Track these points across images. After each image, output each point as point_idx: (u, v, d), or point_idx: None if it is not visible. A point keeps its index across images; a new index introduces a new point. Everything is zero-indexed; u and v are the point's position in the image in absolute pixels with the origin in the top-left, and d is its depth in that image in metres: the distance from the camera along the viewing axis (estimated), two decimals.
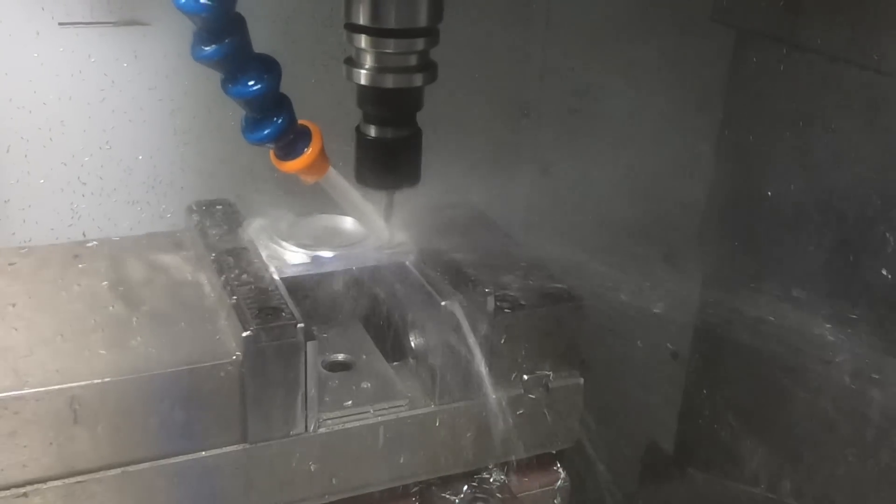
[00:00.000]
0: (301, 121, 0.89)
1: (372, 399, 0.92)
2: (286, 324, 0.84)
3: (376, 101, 0.94)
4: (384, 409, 0.91)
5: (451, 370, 0.92)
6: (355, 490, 0.92)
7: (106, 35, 1.16)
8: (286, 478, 0.88)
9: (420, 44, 0.92)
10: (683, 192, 1.27)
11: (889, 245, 0.98)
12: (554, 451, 1.00)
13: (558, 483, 1.00)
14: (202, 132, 1.23)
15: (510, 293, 0.96)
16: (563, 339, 0.97)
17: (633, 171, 1.31)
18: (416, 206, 1.01)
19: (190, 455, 0.84)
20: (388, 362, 0.98)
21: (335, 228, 1.04)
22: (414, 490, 0.95)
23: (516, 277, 0.98)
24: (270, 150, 0.90)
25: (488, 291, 0.92)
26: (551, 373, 0.96)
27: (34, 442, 0.78)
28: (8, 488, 0.79)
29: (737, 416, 1.23)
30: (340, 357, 0.99)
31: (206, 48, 0.78)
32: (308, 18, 1.24)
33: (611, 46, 1.34)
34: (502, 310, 0.93)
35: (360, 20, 0.90)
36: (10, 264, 0.96)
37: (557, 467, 1.01)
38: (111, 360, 0.82)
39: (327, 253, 0.99)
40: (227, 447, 0.85)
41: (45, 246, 1.02)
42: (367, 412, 0.91)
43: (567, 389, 0.98)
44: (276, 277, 0.92)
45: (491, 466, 0.97)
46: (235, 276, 0.91)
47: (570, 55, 1.36)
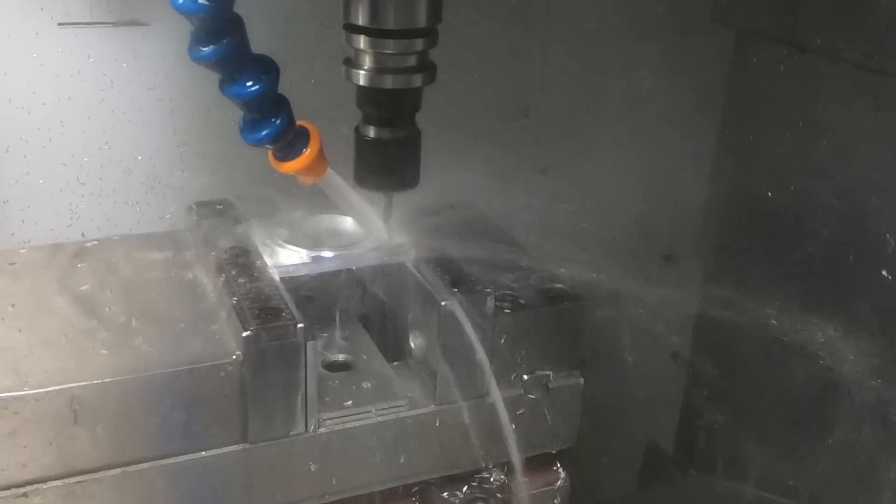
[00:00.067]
0: (299, 121, 0.89)
1: (372, 399, 0.92)
2: (286, 324, 0.84)
3: (375, 102, 0.95)
4: (384, 409, 0.91)
5: (450, 370, 0.92)
6: (355, 490, 0.92)
7: (105, 35, 1.16)
8: (286, 478, 0.88)
9: (419, 44, 0.92)
10: (684, 192, 1.27)
11: (889, 246, 0.98)
12: (554, 451, 1.00)
13: (558, 483, 1.00)
14: (202, 132, 1.23)
15: (510, 293, 0.96)
16: (563, 339, 0.97)
17: (633, 171, 1.31)
18: (416, 207, 1.02)
19: (190, 455, 0.84)
20: (388, 362, 0.98)
21: (335, 228, 1.04)
22: (414, 490, 0.95)
23: (516, 277, 0.98)
24: (269, 150, 0.90)
25: (488, 291, 0.92)
26: (551, 373, 0.96)
27: (34, 442, 0.78)
28: (8, 488, 0.79)
29: (737, 416, 1.23)
30: (340, 357, 0.99)
31: (204, 49, 0.78)
32: (307, 19, 1.23)
33: (611, 46, 1.34)
34: (502, 310, 0.93)
35: (359, 20, 0.90)
36: (10, 264, 0.96)
37: (557, 467, 1.00)
38: (111, 360, 0.82)
39: (327, 253, 0.99)
40: (227, 447, 0.85)
41: (44, 246, 1.02)
42: (368, 412, 0.91)
43: (567, 389, 0.98)
44: (276, 277, 0.92)
45: (491, 466, 0.97)
46: (235, 276, 0.91)
47: (571, 55, 1.36)
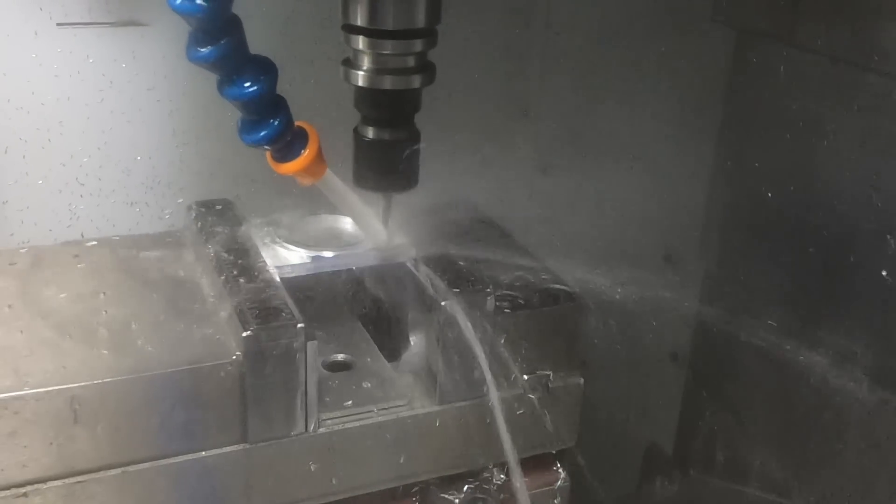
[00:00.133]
0: (298, 122, 0.88)
1: (372, 399, 0.92)
2: (286, 324, 0.84)
3: (374, 103, 0.94)
4: (384, 409, 0.91)
5: (450, 370, 0.92)
6: (355, 490, 0.92)
7: (104, 35, 1.16)
8: (286, 478, 0.88)
9: (418, 45, 0.91)
10: (684, 192, 1.27)
11: (889, 247, 0.98)
12: (554, 451, 1.00)
13: (558, 483, 1.00)
14: (201, 133, 1.23)
15: (510, 293, 0.96)
16: (563, 339, 0.97)
17: (633, 172, 1.31)
18: (416, 207, 1.01)
19: (190, 455, 0.84)
20: (388, 362, 0.98)
21: (335, 228, 1.04)
22: (414, 490, 0.95)
23: (516, 277, 0.98)
24: (267, 152, 0.90)
25: (488, 291, 0.92)
26: (551, 373, 0.96)
27: (34, 442, 0.78)
28: (8, 488, 0.79)
29: (736, 417, 1.23)
30: (340, 357, 0.99)
31: (202, 49, 0.78)
32: (306, 19, 1.23)
33: (611, 46, 1.34)
34: (502, 310, 0.93)
35: (358, 21, 0.90)
36: (10, 264, 0.96)
37: (557, 467, 1.01)
38: (111, 360, 0.82)
39: (327, 253, 0.99)
40: (227, 447, 0.85)
41: (45, 246, 1.02)
42: (368, 412, 0.91)
43: (567, 389, 0.98)
44: (276, 277, 0.92)
45: (491, 466, 0.97)
46: (235, 276, 0.91)
47: (570, 55, 1.36)
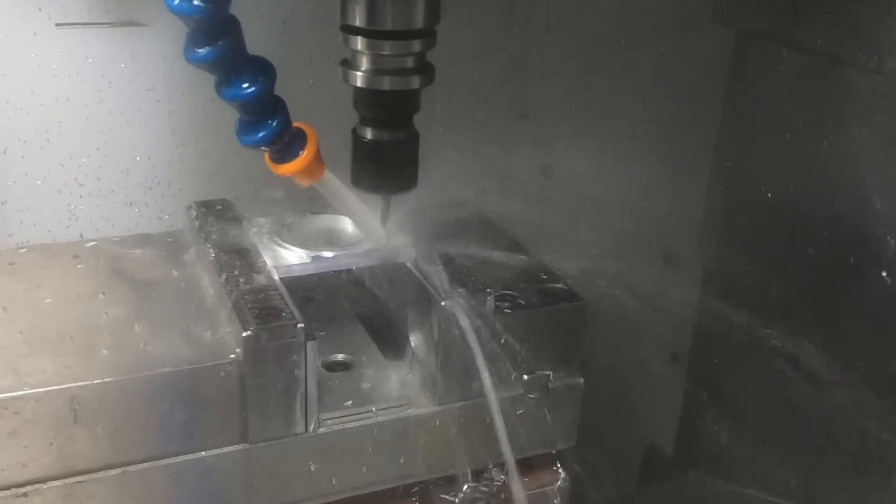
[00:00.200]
0: (296, 123, 0.88)
1: (372, 399, 0.92)
2: (286, 324, 0.84)
3: (372, 104, 0.94)
4: (384, 409, 0.91)
5: (450, 370, 0.92)
6: (355, 490, 0.92)
7: (103, 36, 1.16)
8: (286, 478, 0.88)
9: (417, 45, 0.91)
10: (683, 192, 1.27)
11: (889, 247, 0.98)
12: (554, 451, 1.00)
13: (558, 483, 1.00)
14: (200, 133, 1.23)
15: (510, 293, 0.96)
16: (563, 339, 0.97)
17: (633, 172, 1.31)
18: (416, 207, 1.01)
19: (190, 455, 0.84)
20: (388, 362, 0.98)
21: (335, 228, 1.04)
22: (414, 490, 0.95)
23: (516, 277, 0.98)
24: (265, 153, 0.89)
25: (488, 291, 0.92)
26: (551, 373, 0.96)
27: (34, 442, 0.78)
28: (8, 488, 0.78)
29: (736, 417, 1.23)
30: (340, 357, 0.99)
31: (199, 50, 0.77)
32: (306, 19, 1.23)
33: (611, 46, 1.34)
34: (502, 310, 0.93)
35: (357, 22, 0.89)
36: (9, 264, 0.96)
37: (557, 467, 1.00)
38: (111, 360, 0.82)
39: (327, 253, 0.99)
40: (227, 447, 0.85)
41: (44, 245, 1.02)
42: (368, 412, 0.91)
43: (567, 389, 0.97)
44: (276, 277, 0.92)
45: (491, 466, 0.97)
46: (235, 276, 0.91)
47: (570, 55, 1.36)
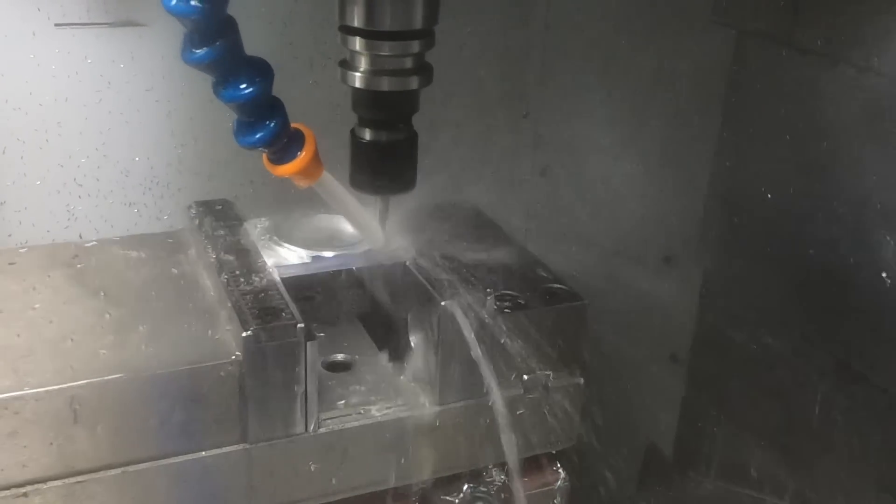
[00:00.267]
0: (294, 124, 0.87)
1: (372, 399, 0.92)
2: (286, 324, 0.84)
3: (371, 105, 0.94)
4: (384, 409, 0.91)
5: (450, 370, 0.92)
6: (355, 490, 0.92)
7: (102, 36, 1.16)
8: (286, 478, 0.88)
9: (415, 46, 0.91)
10: (683, 193, 1.27)
11: (889, 248, 0.97)
12: (554, 451, 1.00)
13: (558, 483, 1.00)
14: (199, 134, 1.23)
15: (510, 293, 0.96)
16: (563, 339, 0.96)
17: (632, 173, 1.31)
18: (416, 207, 1.01)
19: (190, 455, 0.84)
20: (388, 362, 0.98)
21: (335, 228, 1.04)
22: (414, 490, 0.95)
23: (516, 277, 0.98)
24: (264, 154, 0.89)
25: (488, 291, 0.92)
26: (551, 373, 0.96)
27: (34, 442, 0.78)
28: (8, 488, 0.79)
29: (736, 418, 1.23)
30: (340, 357, 0.99)
31: (197, 51, 0.77)
32: (305, 19, 1.23)
33: (611, 47, 1.34)
34: (502, 310, 0.93)
35: (355, 22, 0.89)
36: (9, 264, 0.96)
37: (557, 467, 1.00)
38: (111, 360, 0.82)
39: (327, 253, 0.99)
40: (227, 447, 0.85)
41: (44, 246, 1.02)
42: (368, 412, 0.91)
43: (567, 389, 0.97)
44: (276, 277, 0.92)
45: (491, 466, 0.97)
46: (235, 276, 0.91)
47: (570, 56, 1.36)
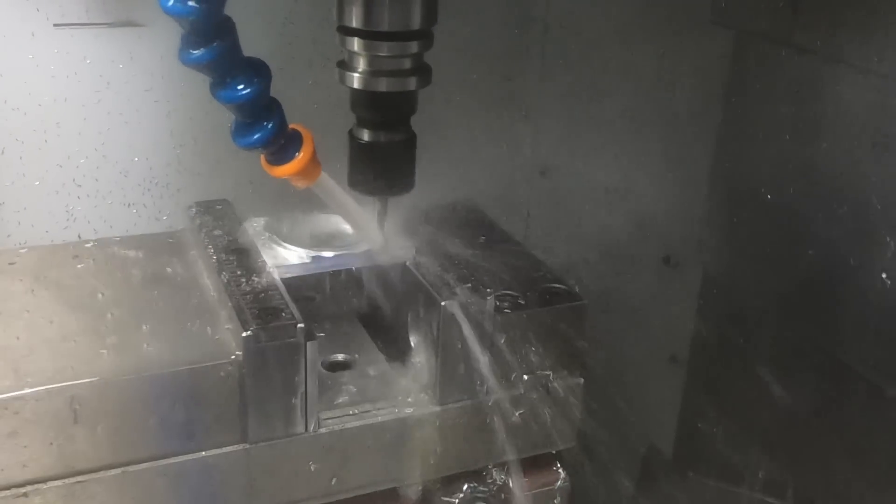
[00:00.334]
0: (292, 125, 0.87)
1: (372, 399, 0.92)
2: (286, 324, 0.84)
3: (369, 105, 0.94)
4: (384, 409, 0.91)
5: (450, 370, 0.92)
6: (355, 490, 0.92)
7: (101, 36, 1.16)
8: (286, 478, 0.88)
9: (414, 46, 0.91)
10: (683, 193, 1.27)
11: (889, 248, 0.98)
12: (554, 451, 1.00)
13: (558, 483, 1.00)
14: (198, 134, 1.23)
15: (510, 293, 0.96)
16: (563, 339, 0.96)
17: (632, 173, 1.31)
18: (415, 207, 1.01)
19: (190, 455, 0.84)
20: (388, 362, 0.98)
21: (335, 228, 1.04)
22: (414, 490, 0.95)
23: (516, 277, 0.98)
24: (261, 154, 0.89)
25: (488, 291, 0.92)
26: (551, 373, 0.96)
27: (34, 442, 0.78)
28: (8, 488, 0.78)
29: (735, 419, 1.23)
30: (340, 357, 0.99)
31: (194, 52, 0.77)
32: (305, 20, 1.23)
33: (610, 47, 1.34)
34: (502, 310, 0.93)
35: (353, 23, 0.89)
36: (9, 264, 0.96)
37: (557, 467, 1.00)
38: (111, 360, 0.82)
39: (327, 253, 0.98)
40: (227, 447, 0.85)
41: (44, 246, 1.02)
42: (368, 412, 0.91)
43: (567, 389, 0.97)
44: (276, 277, 0.92)
45: (491, 466, 0.97)
46: (235, 277, 0.91)
47: (570, 56, 1.36)
